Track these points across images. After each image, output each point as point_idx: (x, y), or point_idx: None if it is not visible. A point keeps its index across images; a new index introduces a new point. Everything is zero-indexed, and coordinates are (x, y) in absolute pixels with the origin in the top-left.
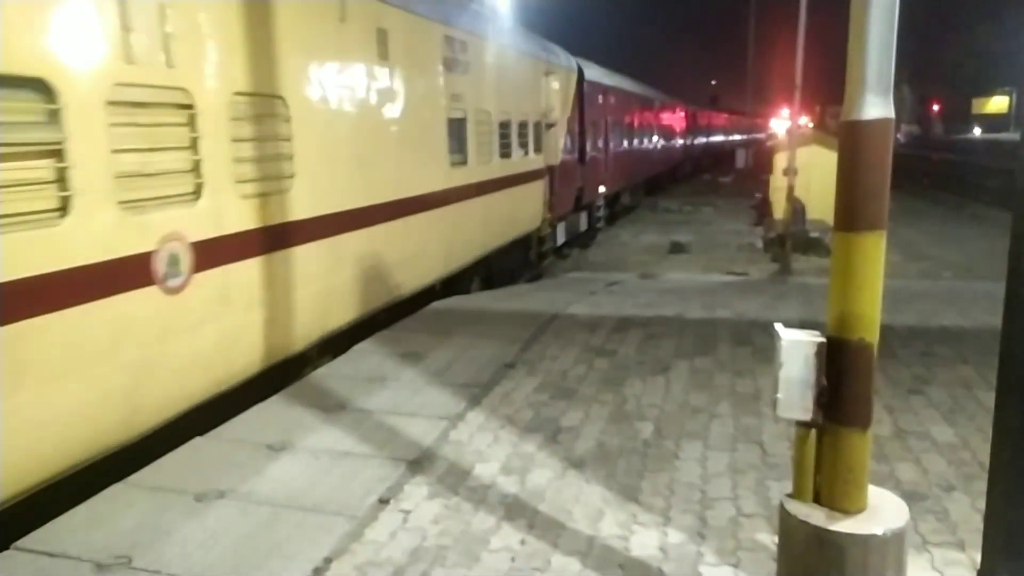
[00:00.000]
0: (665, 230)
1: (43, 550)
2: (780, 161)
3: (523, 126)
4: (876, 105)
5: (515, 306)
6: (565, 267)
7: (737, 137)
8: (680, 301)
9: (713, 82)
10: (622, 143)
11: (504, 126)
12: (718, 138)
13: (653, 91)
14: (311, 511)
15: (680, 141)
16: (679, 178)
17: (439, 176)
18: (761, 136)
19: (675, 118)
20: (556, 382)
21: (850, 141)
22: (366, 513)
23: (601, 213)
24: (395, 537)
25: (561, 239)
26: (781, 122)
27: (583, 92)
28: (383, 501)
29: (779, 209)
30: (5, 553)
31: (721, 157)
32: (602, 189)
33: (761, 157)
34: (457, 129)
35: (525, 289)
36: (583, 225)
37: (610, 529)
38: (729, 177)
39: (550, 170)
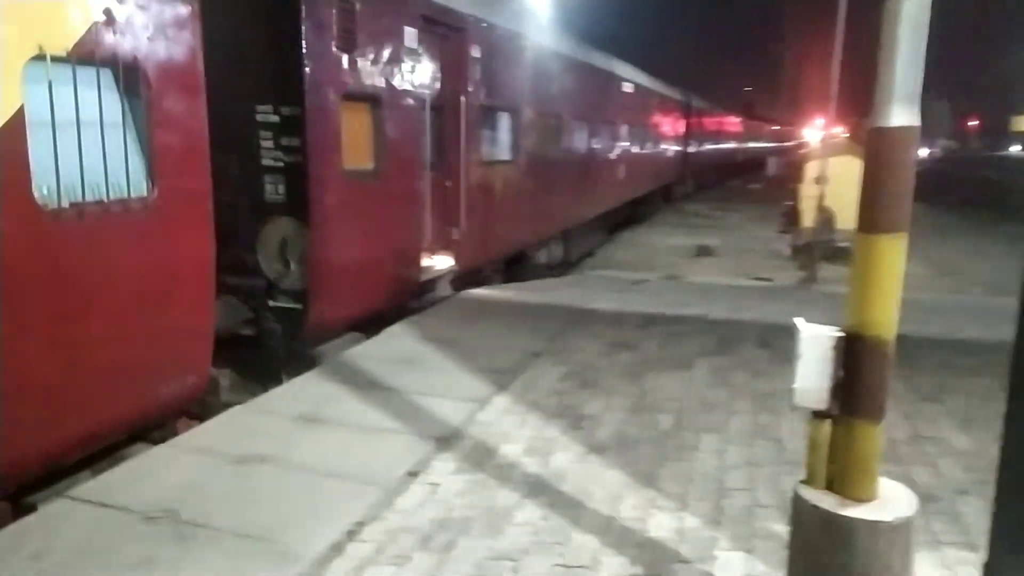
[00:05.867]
0: (692, 233)
1: (95, 500)
2: (811, 170)
3: None
4: (902, 113)
5: (543, 299)
6: (592, 264)
7: (765, 145)
8: (704, 302)
9: (747, 88)
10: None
11: None
12: (730, 145)
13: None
14: (344, 479)
15: (665, 148)
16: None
17: None
18: (790, 145)
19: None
20: (580, 372)
21: (876, 147)
22: (396, 484)
23: None
24: (423, 507)
25: None
26: (814, 131)
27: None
28: (412, 474)
29: (808, 217)
30: (59, 501)
31: (746, 166)
32: None
33: (791, 166)
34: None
35: (553, 284)
36: None
37: (628, 511)
38: (759, 184)
39: None
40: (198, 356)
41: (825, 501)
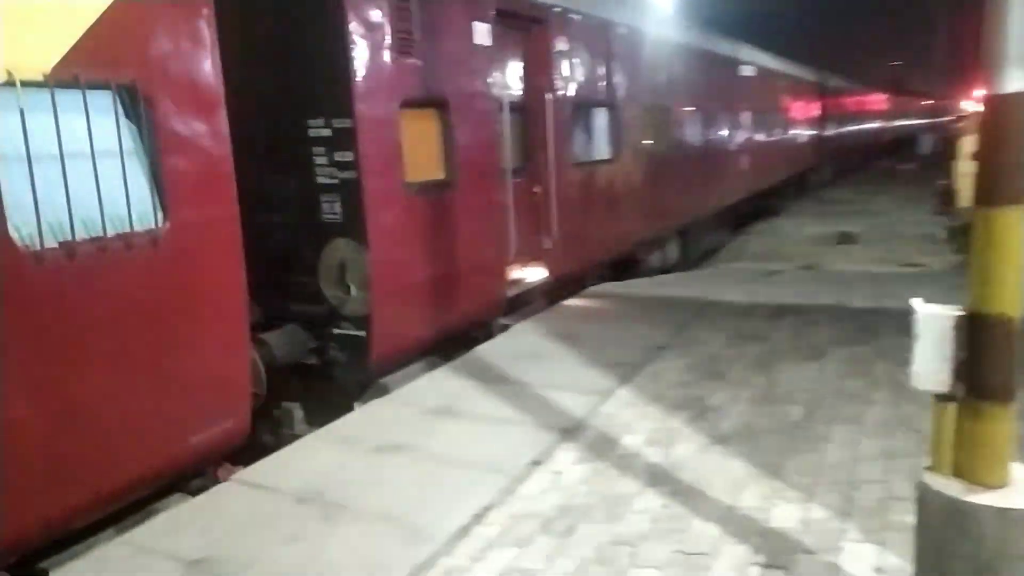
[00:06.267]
0: (833, 220)
1: (253, 483)
2: (967, 145)
3: None
4: (1018, 78)
5: (669, 292)
6: (724, 257)
7: (916, 122)
8: (843, 291)
9: (895, 63)
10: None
11: None
12: (874, 124)
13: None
14: (472, 467)
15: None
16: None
17: None
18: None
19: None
20: (706, 364)
21: (991, 115)
22: (520, 472)
23: None
24: (546, 494)
25: None
26: (972, 104)
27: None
28: (536, 463)
29: (964, 196)
30: (227, 483)
31: (895, 146)
32: None
33: (947, 143)
34: None
35: (681, 278)
36: None
37: (751, 501)
38: (911, 164)
39: None
40: (234, 400)
41: (951, 487)
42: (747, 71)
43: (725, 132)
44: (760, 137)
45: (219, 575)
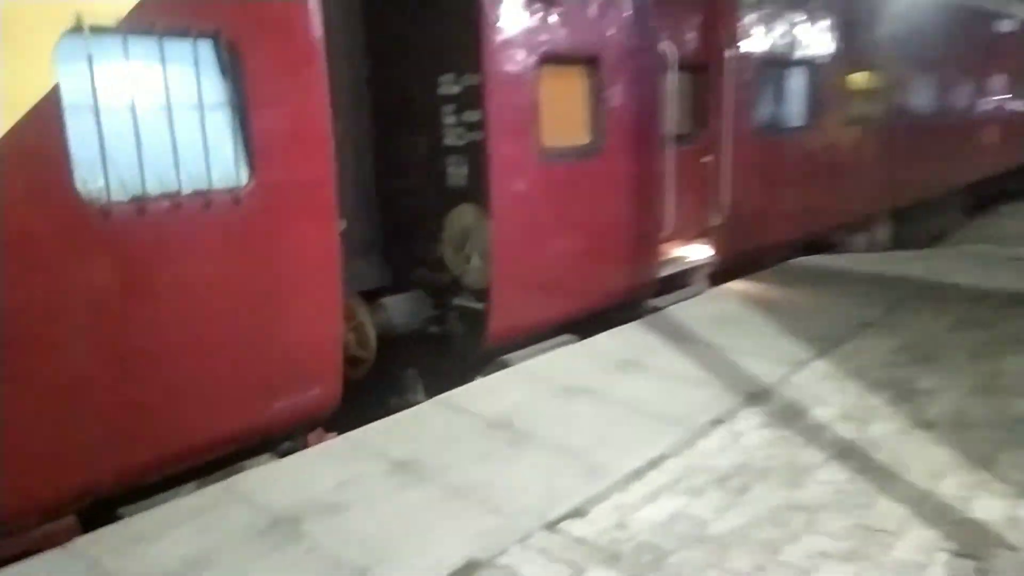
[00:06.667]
0: None
1: (452, 405)
2: None
3: None
4: None
5: (886, 270)
6: (957, 240)
7: None
8: None
9: None
10: None
11: None
12: None
13: None
14: (652, 417)
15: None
16: None
17: None
18: None
19: None
20: (919, 346)
21: None
22: (700, 428)
23: None
24: (723, 452)
25: None
26: None
27: None
28: (717, 422)
29: None
30: (429, 403)
31: None
32: None
33: None
34: None
35: (903, 256)
36: None
37: (950, 490)
38: None
39: None
40: (323, 368)
41: None
42: (1004, 25)
43: (967, 97)
44: (1017, 105)
45: (419, 475)
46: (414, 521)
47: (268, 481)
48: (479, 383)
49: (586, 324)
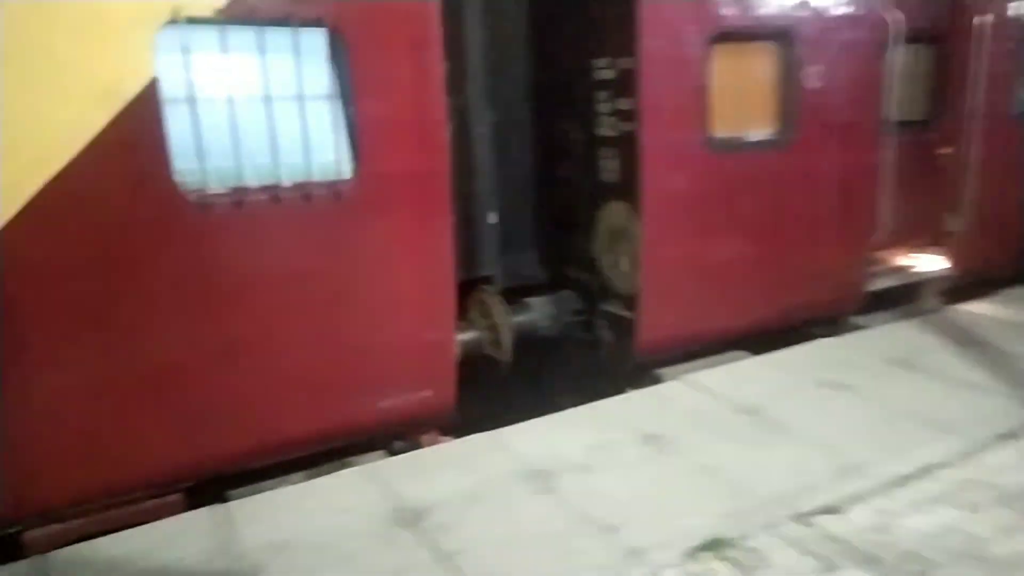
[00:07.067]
0: None
1: (696, 384)
2: None
3: None
4: None
5: None
6: None
7: None
8: None
9: None
10: None
11: None
12: None
13: None
14: (922, 422)
15: None
16: None
17: None
18: None
19: None
20: None
21: None
22: (983, 439)
23: None
24: (1012, 470)
25: None
26: None
27: None
28: (1007, 435)
29: None
30: (673, 382)
31: None
32: None
33: None
34: None
35: None
36: None
37: None
38: None
39: None
40: (435, 371)
41: None
42: None
43: None
44: None
45: (667, 449)
46: (661, 491)
47: (524, 434)
48: (725, 368)
49: (769, 339)
